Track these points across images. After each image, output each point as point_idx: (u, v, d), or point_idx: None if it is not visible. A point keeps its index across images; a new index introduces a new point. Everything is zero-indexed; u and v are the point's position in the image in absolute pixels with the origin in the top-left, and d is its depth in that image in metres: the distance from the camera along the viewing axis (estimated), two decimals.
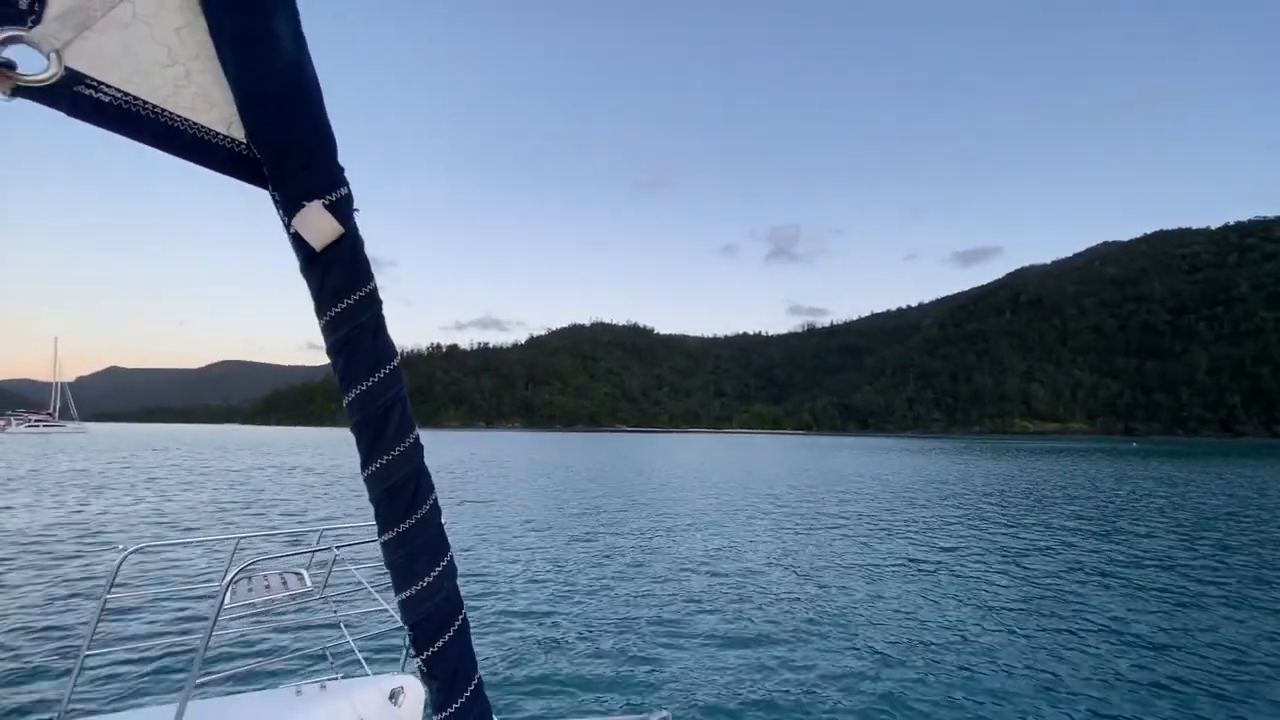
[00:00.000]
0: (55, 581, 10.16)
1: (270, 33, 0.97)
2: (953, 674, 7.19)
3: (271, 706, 2.94)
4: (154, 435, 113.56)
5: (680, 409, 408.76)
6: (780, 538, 15.75)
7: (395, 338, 1.22)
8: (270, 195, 1.08)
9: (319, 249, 1.08)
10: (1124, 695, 6.68)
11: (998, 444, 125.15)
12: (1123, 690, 6.80)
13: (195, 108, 0.96)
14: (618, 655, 7.50)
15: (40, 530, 14.99)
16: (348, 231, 1.11)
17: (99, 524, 16.04)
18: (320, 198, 1.06)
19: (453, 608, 1.29)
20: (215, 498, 22.15)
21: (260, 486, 26.39)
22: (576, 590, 10.31)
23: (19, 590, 9.68)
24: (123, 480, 28.00)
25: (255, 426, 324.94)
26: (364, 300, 1.15)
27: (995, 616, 9.32)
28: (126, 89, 0.90)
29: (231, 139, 1.02)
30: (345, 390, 1.17)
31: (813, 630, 8.57)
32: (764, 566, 12.41)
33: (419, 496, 1.24)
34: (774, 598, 10.13)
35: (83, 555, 12.28)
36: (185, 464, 39.41)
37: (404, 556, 1.23)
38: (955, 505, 22.96)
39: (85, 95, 0.88)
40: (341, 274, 1.12)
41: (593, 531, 16.18)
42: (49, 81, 0.82)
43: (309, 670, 6.45)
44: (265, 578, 3.44)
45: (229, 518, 17.61)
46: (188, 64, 0.93)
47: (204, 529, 15.56)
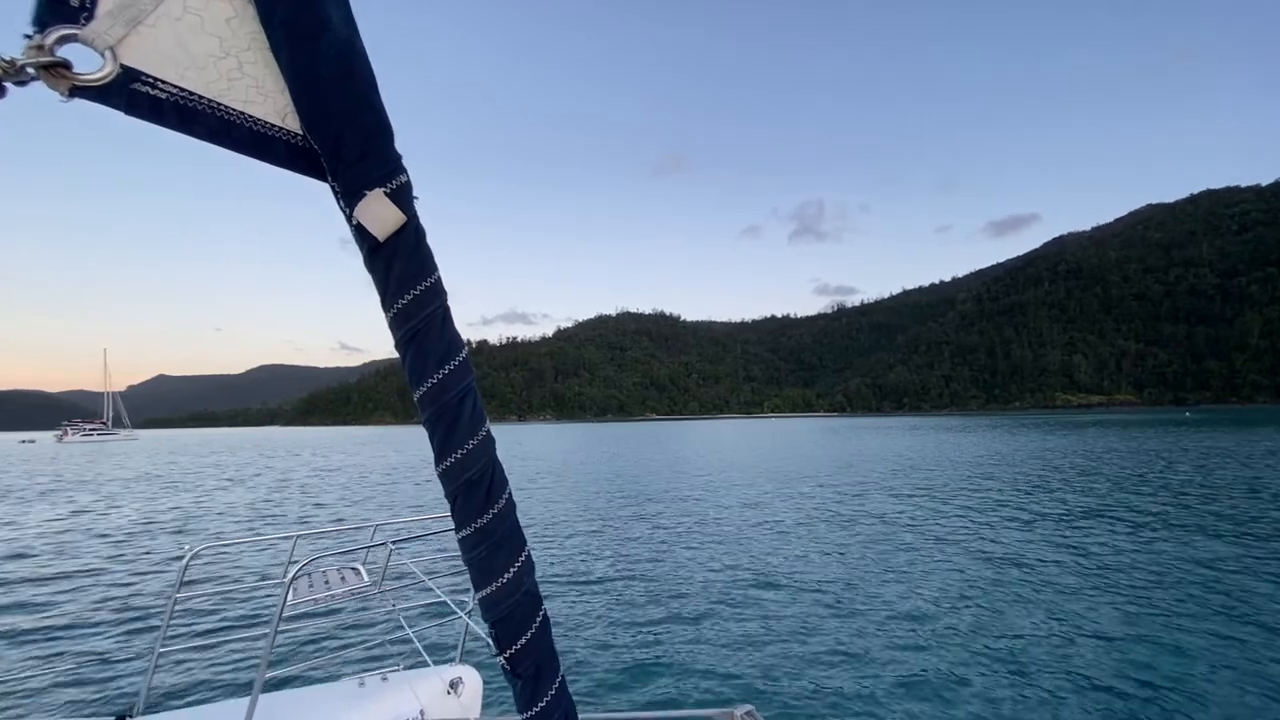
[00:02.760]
0: (127, 581, 10.50)
1: (322, 17, 0.95)
2: (1033, 665, 6.85)
3: (337, 699, 3.01)
4: (203, 440, 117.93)
5: (709, 395, 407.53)
6: (838, 524, 15.42)
7: None
8: (330, 186, 1.05)
9: (382, 239, 1.06)
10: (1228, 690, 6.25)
11: (1043, 419, 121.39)
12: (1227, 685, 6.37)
13: (250, 100, 0.95)
14: (693, 647, 7.34)
15: (109, 532, 15.59)
16: (410, 220, 1.08)
17: (164, 526, 16.61)
18: (380, 186, 1.04)
19: (533, 603, 1.26)
20: (270, 497, 22.76)
21: (311, 485, 27.06)
22: (641, 580, 10.17)
23: (93, 590, 10.02)
24: (181, 483, 29.05)
25: (296, 428, 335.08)
26: (430, 290, 1.12)
27: (1072, 604, 8.90)
28: (182, 84, 0.88)
29: (287, 130, 1.00)
30: (416, 384, 1.14)
31: (888, 619, 8.29)
32: (829, 555, 12.13)
33: (495, 490, 1.21)
34: (854, 588, 9.85)
35: (151, 555, 12.70)
36: (237, 466, 40.74)
37: (484, 553, 1.20)
38: (1012, 484, 22.26)
39: (141, 93, 0.86)
40: (406, 264, 1.09)
41: (646, 522, 16.08)
42: (105, 80, 0.81)
43: (370, 662, 6.47)
44: (325, 574, 3.54)
45: (286, 516, 18.05)
46: (240, 55, 0.92)
47: (263, 528, 15.98)
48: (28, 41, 0.76)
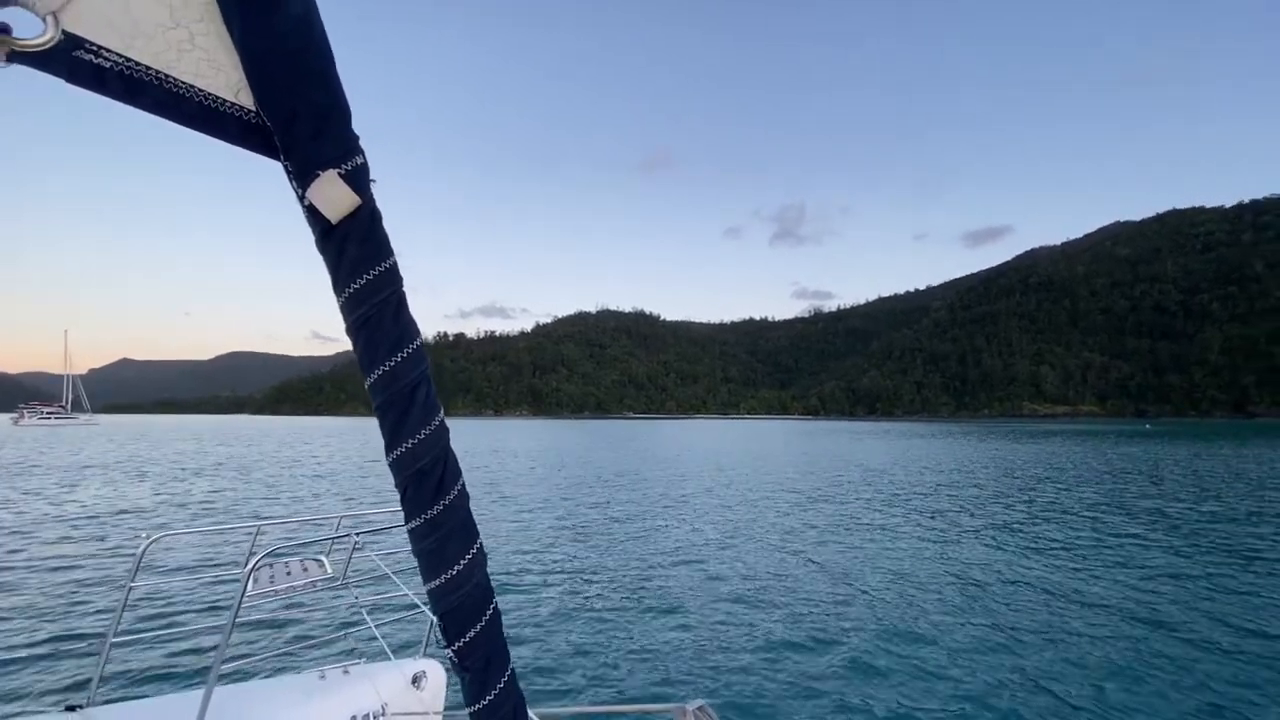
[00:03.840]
0: (80, 568, 10.23)
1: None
2: (987, 660, 7.09)
3: (295, 691, 2.95)
4: (166, 426, 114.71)
5: (687, 395, 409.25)
6: (800, 521, 15.68)
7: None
8: (283, 166, 1.02)
9: (335, 221, 1.03)
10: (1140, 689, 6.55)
11: (1008, 427, 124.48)
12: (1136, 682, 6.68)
13: (200, 73, 0.91)
14: (647, 642, 7.44)
15: (63, 518, 15.13)
16: (365, 202, 1.05)
17: (120, 512, 16.17)
18: (334, 167, 1.01)
19: (484, 596, 1.23)
20: (233, 486, 22.31)
21: (277, 475, 26.58)
22: (600, 577, 10.25)
23: (46, 576, 9.75)
24: (139, 470, 28.27)
25: (265, 416, 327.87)
26: (384, 275, 1.09)
27: (1015, 595, 9.21)
28: (127, 54, 0.85)
29: (239, 106, 0.97)
30: (367, 371, 1.11)
31: (841, 615, 8.49)
32: (788, 552, 12.33)
33: (447, 481, 1.18)
34: (802, 583, 10.06)
35: (106, 541, 12.38)
36: (200, 454, 39.77)
37: (433, 544, 1.17)
38: (978, 489, 22.83)
39: (84, 61, 0.83)
40: (360, 248, 1.06)
41: (611, 518, 16.16)
42: (46, 46, 0.78)
43: (332, 655, 6.46)
44: (287, 564, 3.46)
45: (248, 505, 17.72)
46: (191, 26, 0.88)
47: (224, 517, 15.69)
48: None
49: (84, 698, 3.06)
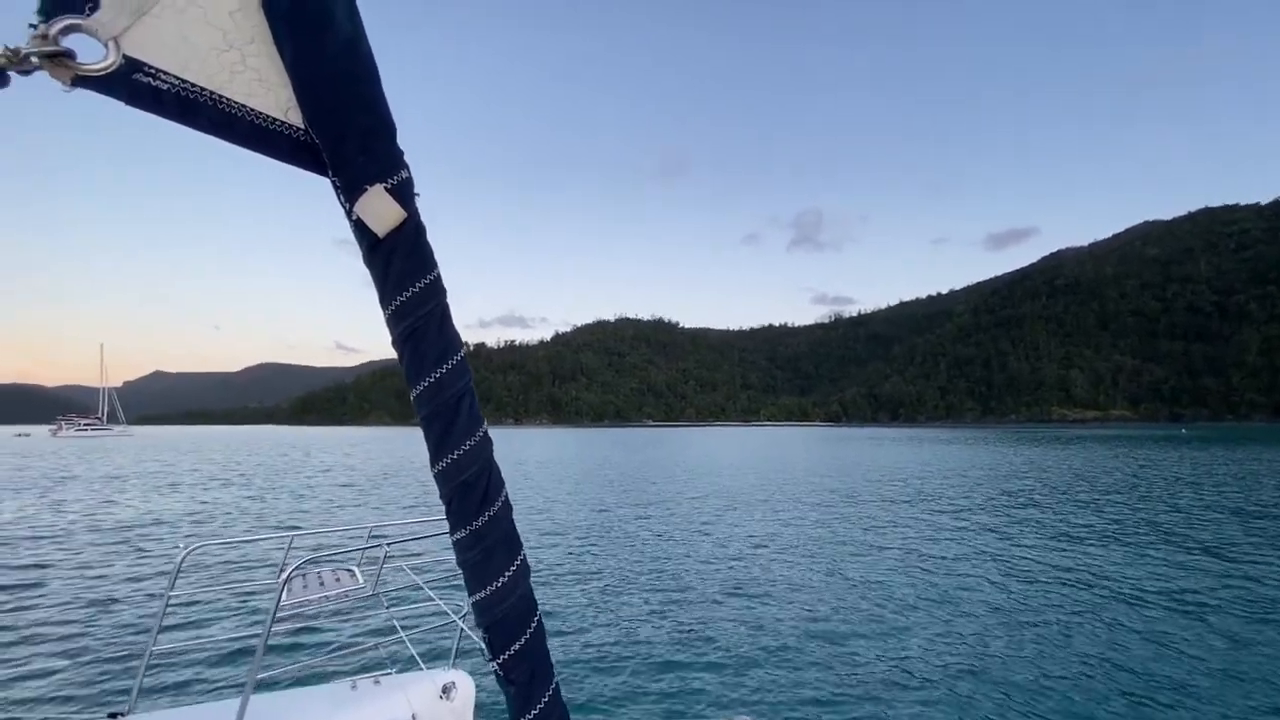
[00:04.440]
0: (120, 577, 10.50)
1: (326, 11, 0.95)
2: (1030, 678, 6.92)
3: (328, 701, 3.00)
4: (197, 437, 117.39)
5: (706, 403, 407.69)
6: (831, 530, 15.48)
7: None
8: (330, 182, 1.05)
9: (382, 235, 1.05)
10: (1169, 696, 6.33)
11: (1038, 432, 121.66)
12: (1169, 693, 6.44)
13: (252, 93, 0.95)
14: (690, 654, 7.37)
15: (103, 528, 15.56)
16: (410, 216, 1.08)
17: (157, 522, 16.59)
18: (381, 181, 1.04)
19: (528, 609, 1.23)
20: (264, 496, 22.73)
21: (306, 484, 27.04)
22: (634, 588, 10.19)
23: (87, 585, 10.02)
24: (173, 481, 28.94)
25: (292, 427, 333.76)
26: (429, 288, 1.11)
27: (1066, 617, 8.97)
28: (184, 76, 0.88)
29: (289, 124, 1.00)
30: (413, 383, 1.13)
31: (879, 625, 8.36)
32: (823, 561, 12.18)
33: (491, 492, 1.18)
34: (838, 594, 9.93)
35: (144, 551, 12.71)
36: (230, 464, 40.58)
37: (478, 556, 1.18)
38: (1007, 497, 22.34)
39: (143, 83, 0.87)
40: (405, 261, 1.08)
41: (644, 528, 16.12)
42: (108, 70, 0.81)
43: (363, 665, 6.50)
44: (319, 575, 3.51)
45: (280, 516, 18.04)
46: (243, 48, 0.92)
47: (258, 528, 15.99)
48: (32, 31, 0.76)
49: (125, 705, 3.13)
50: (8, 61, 0.73)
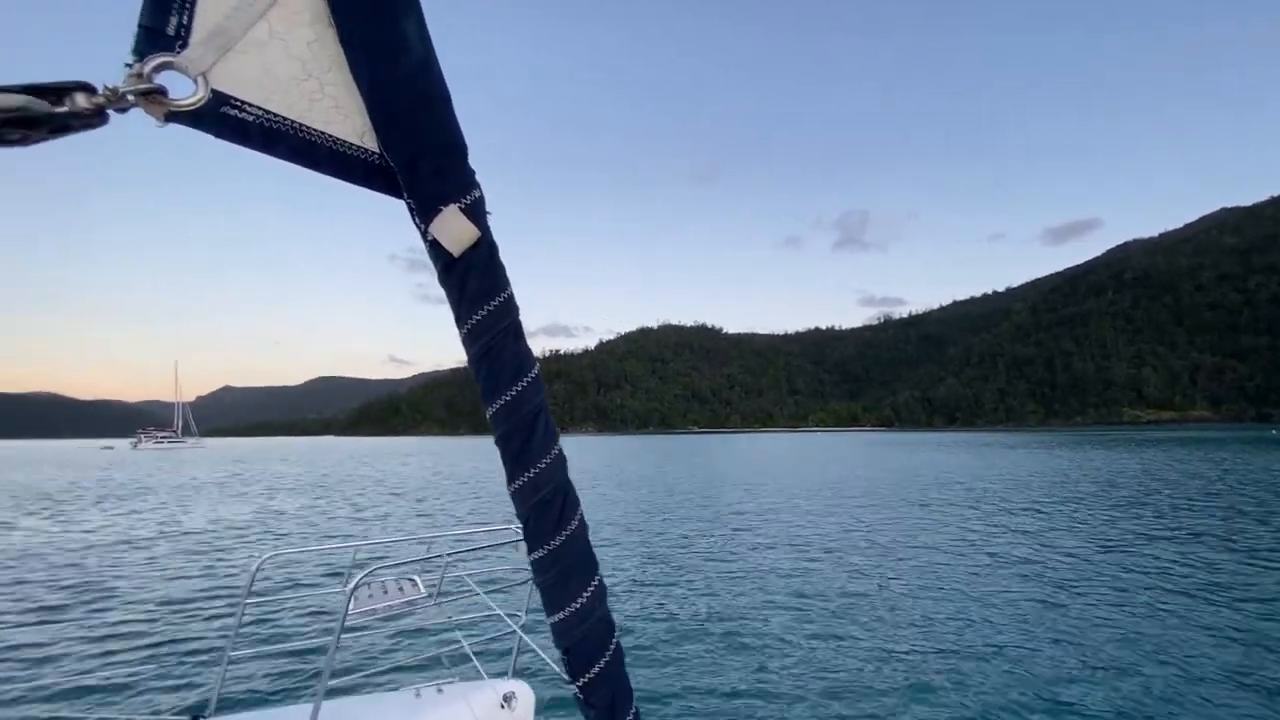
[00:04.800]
0: (200, 585, 10.93)
1: (400, 37, 0.97)
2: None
3: (394, 708, 3.09)
4: (262, 448, 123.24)
5: (752, 408, 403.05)
6: (898, 542, 14.85)
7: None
8: (405, 203, 1.07)
9: (457, 254, 1.06)
10: None
11: (1109, 435, 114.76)
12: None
13: (330, 120, 0.98)
14: (765, 679, 7.08)
15: (182, 535, 16.34)
16: (484, 235, 1.09)
17: (232, 529, 17.33)
18: (455, 201, 1.05)
19: (607, 631, 1.21)
20: (331, 506, 23.46)
21: (367, 494, 27.77)
22: (707, 609, 9.81)
23: (170, 591, 10.47)
24: (247, 490, 30.30)
25: (349, 438, 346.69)
26: (503, 306, 1.12)
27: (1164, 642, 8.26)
28: (267, 107, 0.92)
29: (364, 149, 1.02)
30: (489, 401, 1.13)
31: (971, 656, 7.88)
32: (895, 579, 11.65)
33: (567, 511, 1.17)
34: (922, 614, 9.44)
35: (221, 558, 13.24)
36: (295, 474, 42.29)
37: (556, 576, 1.16)
38: (1096, 505, 21.03)
39: (230, 116, 0.89)
40: (480, 280, 1.10)
41: (707, 541, 15.81)
42: (198, 105, 0.84)
43: (425, 673, 6.51)
44: (383, 584, 3.62)
45: (344, 524, 18.56)
46: (321, 77, 0.95)
47: (325, 537, 16.49)
48: (128, 70, 0.79)
49: (206, 708, 3.26)
50: (108, 100, 0.76)
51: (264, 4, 0.87)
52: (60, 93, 0.73)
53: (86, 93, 0.74)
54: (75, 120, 0.75)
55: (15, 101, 0.70)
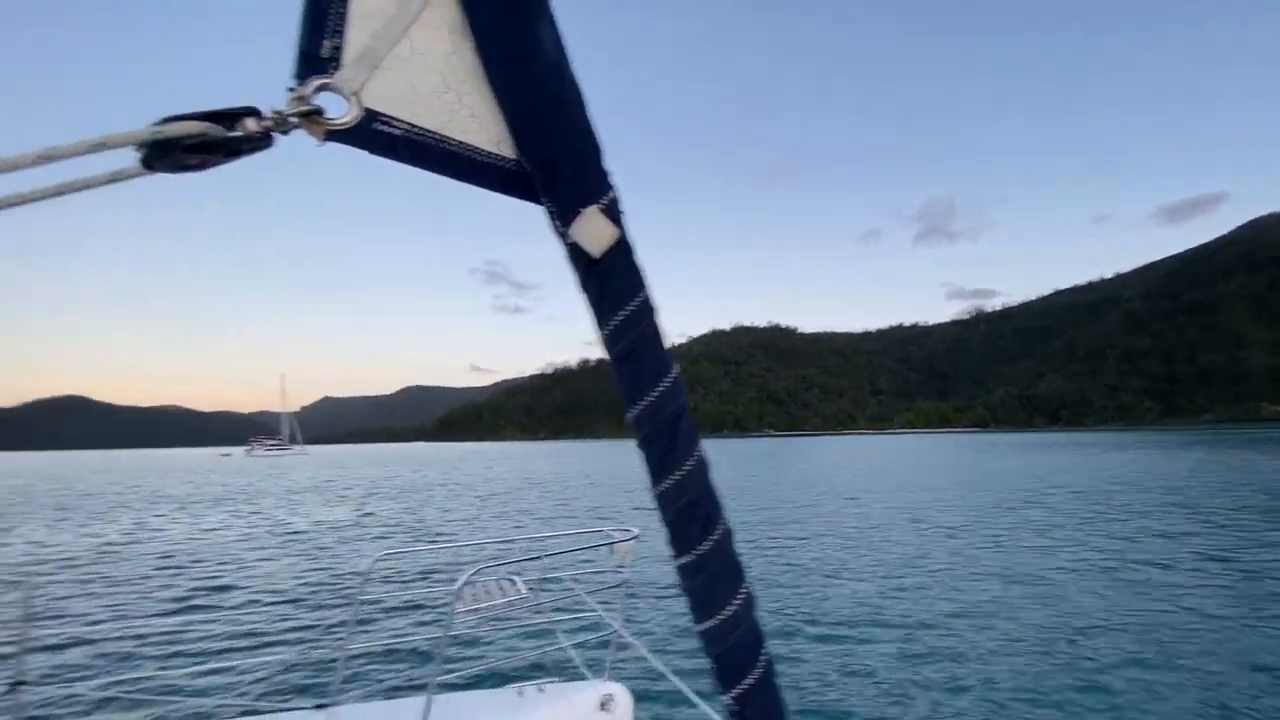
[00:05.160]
0: (319, 582, 11.58)
1: (535, 41, 0.98)
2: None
3: (497, 706, 3.21)
4: (361, 454, 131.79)
5: (832, 410, 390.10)
6: (1030, 562, 13.68)
7: (544, 354, 1.44)
8: (544, 207, 1.08)
9: (598, 256, 1.07)
10: None
11: (1248, 434, 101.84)
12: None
13: (468, 130, 1.00)
14: (919, 696, 6.57)
15: (302, 536, 17.51)
16: (623, 236, 1.09)
17: (345, 531, 18.41)
18: (594, 203, 1.06)
19: (756, 641, 1.18)
20: (431, 509, 24.43)
21: (465, 497, 28.81)
22: (850, 619, 9.30)
23: (290, 588, 11.13)
24: (355, 493, 32.32)
25: (436, 443, 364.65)
26: (643, 307, 1.12)
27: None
28: (412, 121, 0.95)
29: (501, 156, 1.04)
30: (631, 404, 1.12)
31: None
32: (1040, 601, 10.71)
33: (713, 515, 1.15)
34: (1092, 638, 8.56)
35: (338, 557, 14.01)
36: (396, 478, 44.71)
37: (703, 583, 1.14)
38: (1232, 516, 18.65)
39: (381, 131, 0.94)
40: (620, 281, 1.10)
41: (813, 545, 15.31)
42: (352, 123, 0.89)
43: (527, 672, 6.49)
44: (485, 585, 3.71)
45: (447, 527, 19.25)
46: (458, 88, 0.98)
47: (426, 536, 17.22)
48: (290, 94, 0.85)
49: (328, 698, 3.41)
50: (274, 123, 0.82)
51: (405, 22, 0.91)
52: (232, 118, 0.79)
53: (255, 117, 0.80)
54: (246, 144, 0.81)
55: (197, 128, 0.76)
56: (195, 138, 0.77)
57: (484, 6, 0.95)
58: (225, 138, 0.79)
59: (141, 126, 0.75)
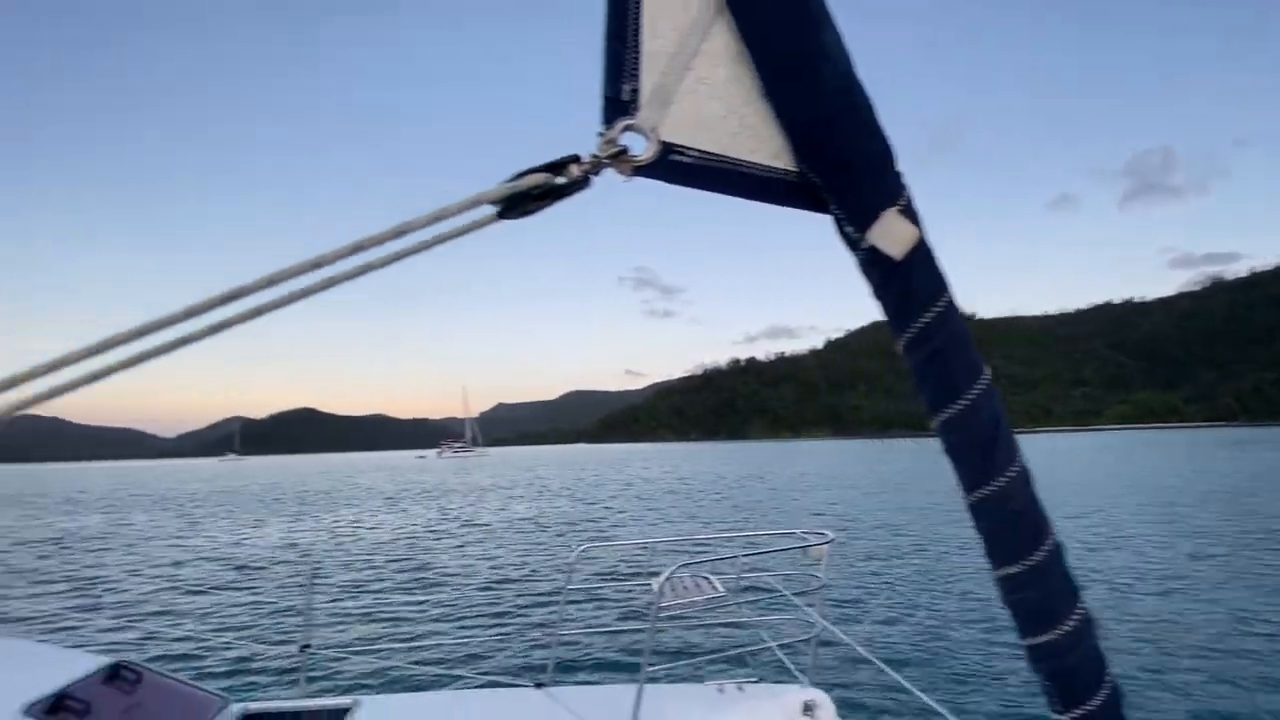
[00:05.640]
0: (528, 571, 12.49)
1: (820, 54, 1.00)
2: None
3: (699, 701, 3.24)
4: (533, 455, 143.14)
5: (1023, 404, 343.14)
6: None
7: (692, 357, 1.33)
8: (832, 215, 1.07)
9: (900, 258, 1.04)
10: None
11: None
12: None
13: (752, 149, 1.04)
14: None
15: (505, 528, 19.06)
16: (923, 236, 1.07)
17: (547, 524, 19.81)
18: (892, 205, 1.04)
19: (1099, 662, 1.10)
20: (623, 505, 25.53)
21: (639, 497, 29.58)
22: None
23: (504, 575, 12.11)
24: (538, 490, 34.84)
25: (598, 445, 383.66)
26: (948, 308, 1.07)
27: None
28: (702, 148, 1.01)
29: (783, 170, 1.06)
30: (937, 410, 1.07)
31: None
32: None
33: (1043, 525, 1.08)
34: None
35: (542, 550, 15.01)
36: (572, 477, 47.38)
37: (1035, 596, 1.07)
38: None
39: (677, 162, 1.00)
40: (924, 281, 1.06)
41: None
42: (653, 158, 0.96)
43: (726, 671, 6.32)
44: (684, 581, 3.73)
45: (629, 524, 19.91)
46: (739, 111, 1.02)
47: (621, 533, 17.86)
48: (600, 137, 0.94)
49: (545, 678, 3.55)
50: (592, 166, 0.92)
51: (689, 57, 0.97)
52: (560, 166, 0.91)
53: (577, 163, 0.92)
54: (572, 187, 0.92)
55: (542, 179, 0.88)
56: (540, 188, 0.89)
57: (764, 29, 0.98)
58: (557, 184, 0.90)
59: (494, 184, 0.88)
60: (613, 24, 0.97)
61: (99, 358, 0.67)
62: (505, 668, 7.01)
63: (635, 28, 0.97)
